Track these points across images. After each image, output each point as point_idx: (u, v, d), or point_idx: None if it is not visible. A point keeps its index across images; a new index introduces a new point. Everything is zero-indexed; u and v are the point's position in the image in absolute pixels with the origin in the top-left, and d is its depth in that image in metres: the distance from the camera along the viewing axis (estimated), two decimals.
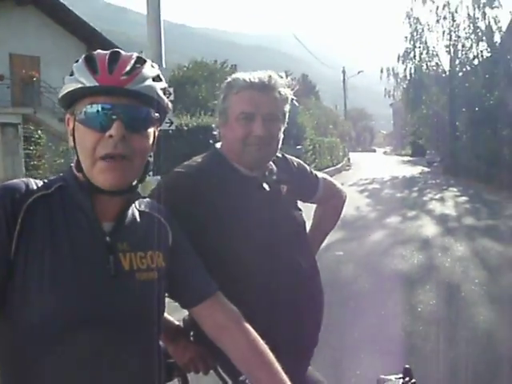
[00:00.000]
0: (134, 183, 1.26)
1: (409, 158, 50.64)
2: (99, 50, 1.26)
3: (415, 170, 32.31)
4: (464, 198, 16.75)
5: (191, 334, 1.72)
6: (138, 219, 1.32)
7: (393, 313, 5.22)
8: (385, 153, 75.62)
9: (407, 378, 1.41)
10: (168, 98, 1.31)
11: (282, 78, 1.70)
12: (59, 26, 21.78)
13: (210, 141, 14.00)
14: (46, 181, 1.26)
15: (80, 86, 1.17)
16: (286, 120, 1.74)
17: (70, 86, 1.19)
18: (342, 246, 8.13)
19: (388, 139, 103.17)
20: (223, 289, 1.38)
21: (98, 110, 1.16)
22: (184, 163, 1.73)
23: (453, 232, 10.11)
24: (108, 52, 1.23)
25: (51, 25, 21.55)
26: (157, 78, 1.25)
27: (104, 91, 1.17)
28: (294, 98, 1.75)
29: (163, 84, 1.28)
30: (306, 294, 1.73)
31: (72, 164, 1.26)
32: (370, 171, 29.64)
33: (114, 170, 1.17)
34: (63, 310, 1.12)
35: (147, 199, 1.42)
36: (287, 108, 1.72)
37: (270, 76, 1.66)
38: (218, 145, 1.80)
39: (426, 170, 33.75)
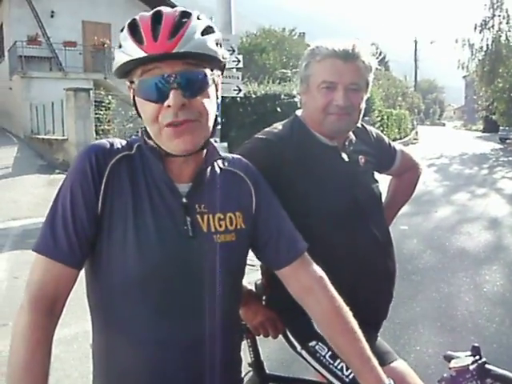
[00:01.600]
0: (204, 141, 1.25)
1: (480, 134, 48.51)
2: (142, 13, 1.22)
3: (486, 147, 30.95)
4: None
5: (263, 298, 1.77)
6: (219, 178, 1.32)
7: (457, 291, 5.12)
8: (455, 127, 72.71)
9: (477, 357, 1.40)
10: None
11: (365, 46, 1.67)
12: None
13: (278, 109, 14.03)
14: (128, 140, 1.30)
15: (128, 59, 1.15)
16: (369, 89, 1.72)
17: (119, 60, 1.18)
18: (407, 220, 7.98)
19: (459, 113, 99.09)
20: None
21: (151, 82, 1.15)
22: (265, 130, 1.74)
23: None
24: (150, 14, 1.19)
25: None
26: (206, 31, 1.19)
27: (153, 60, 1.14)
28: (379, 68, 1.73)
29: (215, 35, 1.21)
30: (382, 265, 1.75)
31: (142, 128, 1.28)
32: (438, 145, 28.67)
33: (181, 135, 1.17)
34: (144, 268, 1.18)
35: (233, 156, 1.41)
36: (371, 77, 1.70)
37: (353, 44, 1.63)
38: (299, 112, 1.80)
39: (499, 146, 32.23)
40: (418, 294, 4.99)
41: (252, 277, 1.81)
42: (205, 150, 1.28)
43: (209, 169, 1.31)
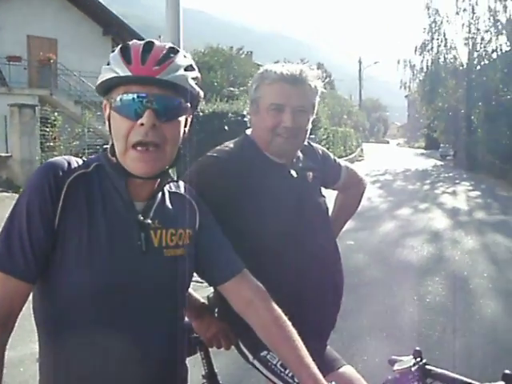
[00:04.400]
0: (166, 168, 1.34)
1: (422, 151, 50.23)
2: (135, 41, 1.32)
3: (428, 163, 32.14)
4: (476, 193, 16.68)
5: (215, 310, 1.82)
6: (169, 199, 1.41)
7: (401, 302, 5.32)
8: (398, 145, 75.05)
9: (418, 359, 1.50)
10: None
11: (312, 70, 1.75)
12: (77, 9, 21.82)
13: (225, 127, 14.10)
14: (85, 159, 1.34)
15: (114, 75, 1.24)
16: (315, 111, 1.81)
17: (105, 75, 1.26)
18: (353, 235, 8.19)
19: (402, 131, 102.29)
20: (250, 269, 1.46)
21: (130, 99, 1.23)
22: (216, 148, 1.80)
23: (463, 226, 10.13)
24: (142, 42, 1.29)
25: (69, 8, 21.61)
26: (189, 68, 1.30)
27: (137, 81, 1.22)
28: (324, 90, 1.82)
29: (195, 73, 1.32)
30: (329, 278, 1.83)
31: (106, 146, 1.34)
32: (382, 162, 29.53)
33: (145, 160, 1.25)
34: (97, 282, 1.23)
35: (179, 181, 1.50)
36: (317, 99, 1.79)
37: (301, 69, 1.72)
38: (249, 131, 1.87)
39: (439, 163, 33.53)
40: (365, 306, 5.13)
41: (201, 293, 1.86)
42: None
43: (161, 190, 1.38)
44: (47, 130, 14.86)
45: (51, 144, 14.96)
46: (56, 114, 15.61)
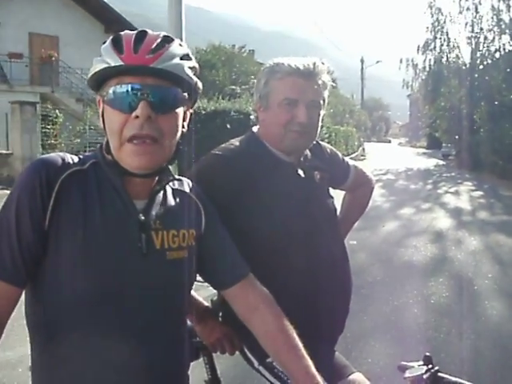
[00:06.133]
0: (164, 165, 1.27)
1: (424, 150, 50.22)
2: (127, 31, 1.25)
3: (430, 163, 32.09)
4: (479, 193, 16.61)
5: (220, 314, 1.75)
6: (172, 197, 1.33)
7: (405, 303, 5.25)
8: (400, 144, 75.13)
9: (430, 366, 1.44)
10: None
11: (323, 64, 1.68)
12: (79, 7, 21.85)
13: (227, 125, 14.07)
14: (81, 156, 1.27)
15: (105, 65, 1.17)
16: (325, 106, 1.74)
17: (96, 67, 1.19)
18: (356, 235, 8.10)
19: (403, 130, 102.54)
20: (257, 272, 1.40)
21: (123, 91, 1.15)
22: (221, 146, 1.72)
23: (466, 226, 10.06)
24: (135, 32, 1.22)
25: (71, 5, 21.61)
26: (185, 57, 1.23)
27: (129, 70, 1.16)
28: (333, 85, 1.75)
29: (192, 63, 1.25)
30: (338, 280, 1.76)
31: (102, 144, 1.28)
32: (384, 162, 29.48)
33: (141, 154, 1.17)
34: (94, 286, 1.15)
35: (183, 178, 1.43)
36: (326, 94, 1.72)
37: (314, 63, 1.64)
38: (255, 128, 1.80)
39: (441, 162, 33.49)
40: (368, 307, 5.06)
41: (203, 293, 1.80)
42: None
43: (162, 188, 1.31)
44: (48, 127, 14.88)
45: (52, 141, 14.99)
46: (57, 111, 15.63)
